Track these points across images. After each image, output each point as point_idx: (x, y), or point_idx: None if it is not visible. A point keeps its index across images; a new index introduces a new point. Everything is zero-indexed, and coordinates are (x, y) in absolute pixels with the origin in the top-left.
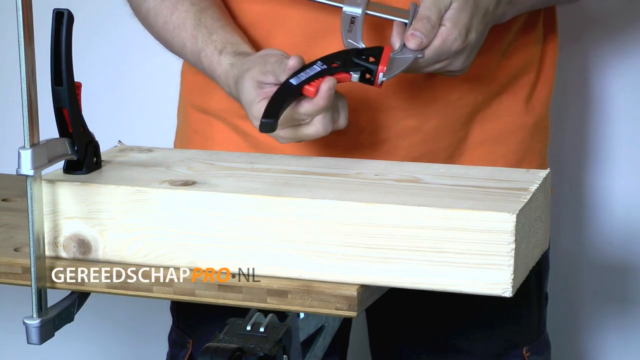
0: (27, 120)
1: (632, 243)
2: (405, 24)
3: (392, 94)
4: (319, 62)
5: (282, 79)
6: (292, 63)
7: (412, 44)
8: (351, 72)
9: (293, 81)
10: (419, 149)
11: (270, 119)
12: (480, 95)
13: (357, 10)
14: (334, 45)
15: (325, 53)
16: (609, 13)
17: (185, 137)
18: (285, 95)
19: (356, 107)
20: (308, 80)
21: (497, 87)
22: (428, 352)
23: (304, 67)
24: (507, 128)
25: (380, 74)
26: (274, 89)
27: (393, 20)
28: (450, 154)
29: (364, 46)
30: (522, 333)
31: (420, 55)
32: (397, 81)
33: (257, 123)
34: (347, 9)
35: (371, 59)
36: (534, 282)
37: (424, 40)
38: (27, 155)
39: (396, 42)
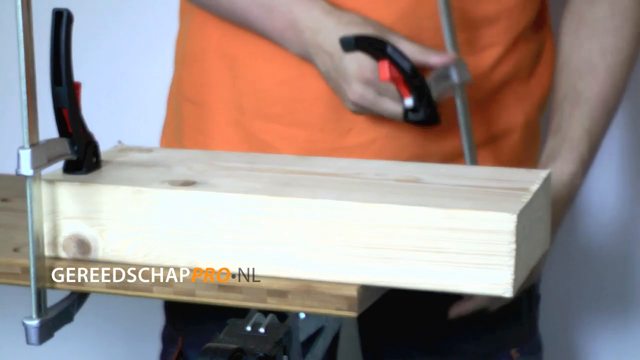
0: (27, 120)
1: (632, 244)
2: None
3: None
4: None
5: (385, 106)
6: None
7: None
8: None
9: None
10: (409, 150)
11: (350, 39)
12: (472, 99)
13: None
14: None
15: None
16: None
17: (179, 131)
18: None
19: (342, 107)
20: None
21: (489, 92)
22: (416, 353)
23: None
24: (499, 131)
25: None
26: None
27: None
28: (444, 158)
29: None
30: (511, 334)
31: None
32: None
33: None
34: None
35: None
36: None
37: None
38: (26, 155)
39: None
